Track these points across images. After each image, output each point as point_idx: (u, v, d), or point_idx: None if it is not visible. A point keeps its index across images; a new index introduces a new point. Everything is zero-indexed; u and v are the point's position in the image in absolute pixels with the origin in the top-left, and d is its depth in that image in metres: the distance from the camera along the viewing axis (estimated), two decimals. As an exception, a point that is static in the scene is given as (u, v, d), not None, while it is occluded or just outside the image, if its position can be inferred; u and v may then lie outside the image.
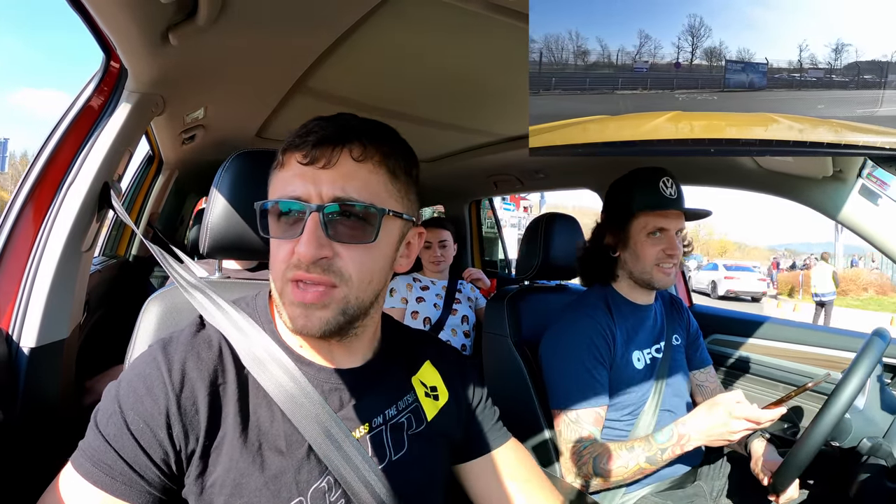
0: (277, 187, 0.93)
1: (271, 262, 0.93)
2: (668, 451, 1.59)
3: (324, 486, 0.93)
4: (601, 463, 1.64)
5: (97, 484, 0.84)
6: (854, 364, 1.44)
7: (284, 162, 0.92)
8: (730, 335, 2.66)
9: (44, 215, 1.36)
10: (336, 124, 0.91)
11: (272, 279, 0.93)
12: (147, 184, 3.94)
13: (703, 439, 1.56)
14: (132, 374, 0.90)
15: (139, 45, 1.28)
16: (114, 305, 3.17)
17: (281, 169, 0.93)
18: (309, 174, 0.89)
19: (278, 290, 0.92)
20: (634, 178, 1.92)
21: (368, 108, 2.20)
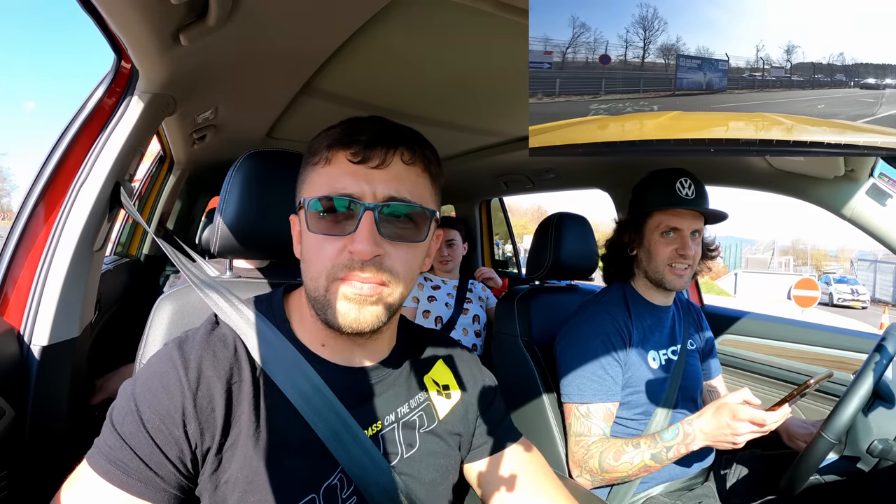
0: (322, 183, 0.93)
1: (314, 259, 0.93)
2: (674, 450, 1.58)
3: (336, 483, 0.94)
4: (607, 458, 1.64)
5: (113, 481, 0.84)
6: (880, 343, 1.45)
7: (331, 159, 0.93)
8: (739, 335, 2.65)
9: (56, 215, 1.37)
10: (385, 126, 0.94)
11: (313, 275, 0.93)
12: (158, 183, 3.96)
13: (708, 440, 1.55)
14: (148, 372, 0.91)
15: (150, 46, 1.28)
16: (125, 304, 3.19)
17: (326, 165, 0.93)
18: (361, 173, 0.91)
19: (323, 287, 0.91)
20: (653, 178, 1.93)
21: (378, 108, 2.20)
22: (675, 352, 1.95)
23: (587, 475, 1.71)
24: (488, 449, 1.19)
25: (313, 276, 0.93)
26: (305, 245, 0.95)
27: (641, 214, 1.92)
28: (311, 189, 0.94)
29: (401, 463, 1.01)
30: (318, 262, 0.92)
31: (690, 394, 1.95)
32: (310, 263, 0.93)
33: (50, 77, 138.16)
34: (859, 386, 1.44)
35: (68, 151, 1.40)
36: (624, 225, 2.02)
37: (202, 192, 5.38)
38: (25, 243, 1.36)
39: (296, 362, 0.96)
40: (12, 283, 1.34)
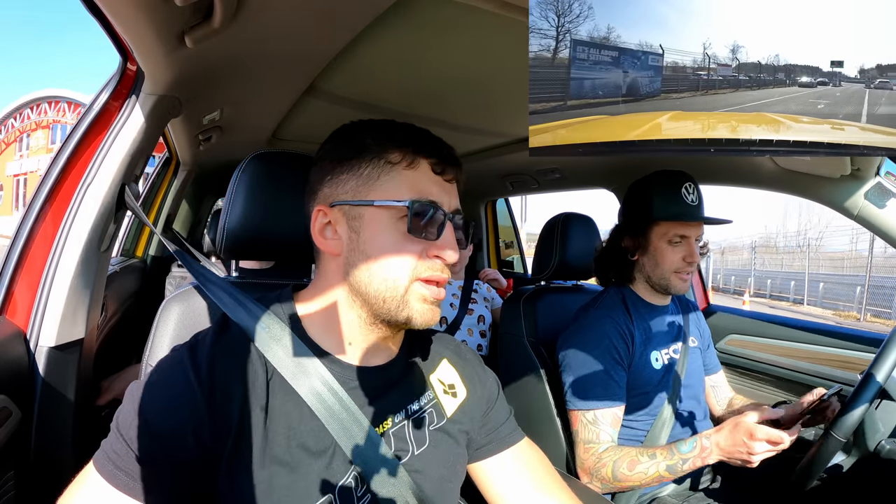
0: (405, 186, 0.97)
1: (393, 257, 0.95)
2: (690, 462, 1.58)
3: (351, 482, 0.94)
4: (621, 468, 1.63)
5: (119, 486, 0.84)
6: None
7: (414, 163, 0.98)
8: (746, 335, 2.65)
9: (63, 216, 1.38)
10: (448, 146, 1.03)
11: (391, 274, 0.95)
12: (164, 185, 3.97)
13: (723, 456, 1.55)
14: (158, 377, 0.91)
15: (155, 48, 1.28)
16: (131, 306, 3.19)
17: (408, 168, 0.97)
18: (441, 184, 0.99)
19: (403, 286, 0.95)
20: (655, 183, 1.91)
21: (384, 109, 2.20)
22: (676, 350, 1.95)
23: (598, 483, 1.70)
24: (492, 449, 1.20)
25: (390, 275, 0.95)
26: (378, 244, 0.96)
27: (646, 221, 1.91)
28: (391, 188, 0.96)
29: (412, 460, 1.02)
30: (398, 263, 0.94)
31: (693, 391, 1.95)
32: (384, 263, 0.95)
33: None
34: (867, 386, 1.43)
35: (75, 153, 1.40)
36: (624, 230, 2.01)
37: (208, 193, 5.39)
38: (32, 245, 1.36)
39: (309, 361, 0.97)
40: (19, 284, 1.35)
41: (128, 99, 1.45)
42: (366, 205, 0.96)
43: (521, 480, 1.20)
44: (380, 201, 0.95)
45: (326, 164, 1.01)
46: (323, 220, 1.00)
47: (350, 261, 0.97)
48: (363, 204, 0.96)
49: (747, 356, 2.62)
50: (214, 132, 2.67)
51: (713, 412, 2.11)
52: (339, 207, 0.99)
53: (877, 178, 1.68)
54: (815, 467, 1.45)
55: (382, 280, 0.95)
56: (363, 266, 0.96)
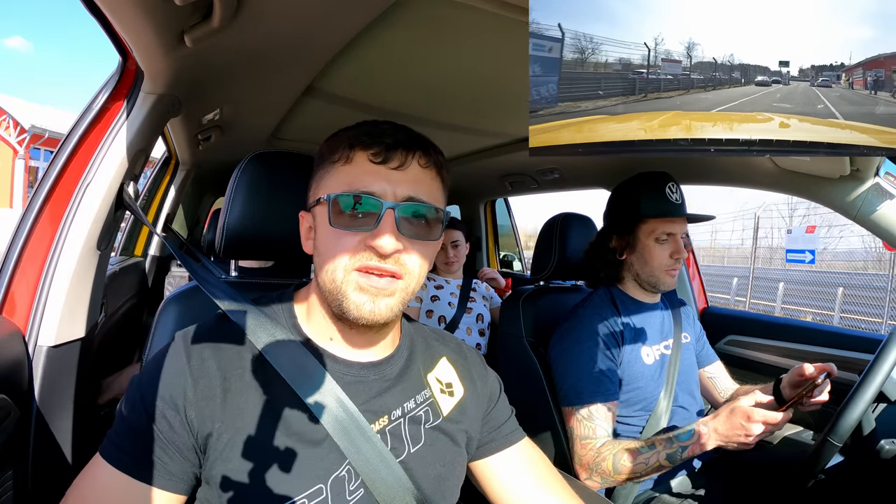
0: (342, 180, 0.97)
1: (331, 251, 0.96)
2: (688, 450, 1.60)
3: (343, 474, 0.96)
4: (621, 460, 1.65)
5: (121, 467, 0.87)
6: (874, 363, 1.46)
7: (352, 158, 0.98)
8: (745, 336, 2.65)
9: (62, 216, 1.38)
10: (403, 130, 1.00)
11: (330, 267, 0.96)
12: (164, 184, 3.97)
13: (721, 440, 1.56)
14: (154, 362, 0.95)
15: (155, 47, 1.28)
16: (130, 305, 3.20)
17: (346, 163, 0.98)
18: (382, 173, 0.96)
19: (339, 280, 0.95)
20: (640, 184, 1.96)
21: (382, 110, 2.20)
22: (667, 346, 1.98)
23: (598, 477, 1.71)
24: (493, 448, 1.21)
25: (329, 268, 0.96)
26: (322, 239, 0.98)
27: (633, 221, 1.95)
28: (331, 185, 0.98)
29: (408, 457, 1.03)
30: (336, 254, 0.95)
31: (687, 386, 1.97)
32: (326, 256, 0.96)
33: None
34: (865, 388, 1.44)
35: (74, 152, 1.40)
36: (611, 230, 2.03)
37: (207, 192, 5.40)
38: (31, 244, 1.36)
39: (303, 357, 0.99)
40: (18, 283, 1.35)
41: (127, 98, 1.45)
42: (313, 205, 1.01)
43: (521, 479, 1.21)
44: (319, 198, 0.99)
45: (312, 171, 1.06)
46: (305, 224, 1.06)
47: (315, 259, 1.02)
48: (313, 205, 1.02)
49: (746, 356, 2.62)
50: (214, 132, 2.67)
51: (715, 403, 2.12)
52: (310, 211, 1.04)
53: (876, 178, 1.68)
54: (813, 470, 1.46)
55: (325, 272, 0.97)
56: (318, 262, 1.00)
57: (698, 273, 3.05)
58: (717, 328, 2.80)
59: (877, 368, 1.44)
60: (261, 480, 0.89)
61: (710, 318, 2.91)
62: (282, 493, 0.90)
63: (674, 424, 1.86)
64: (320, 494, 0.92)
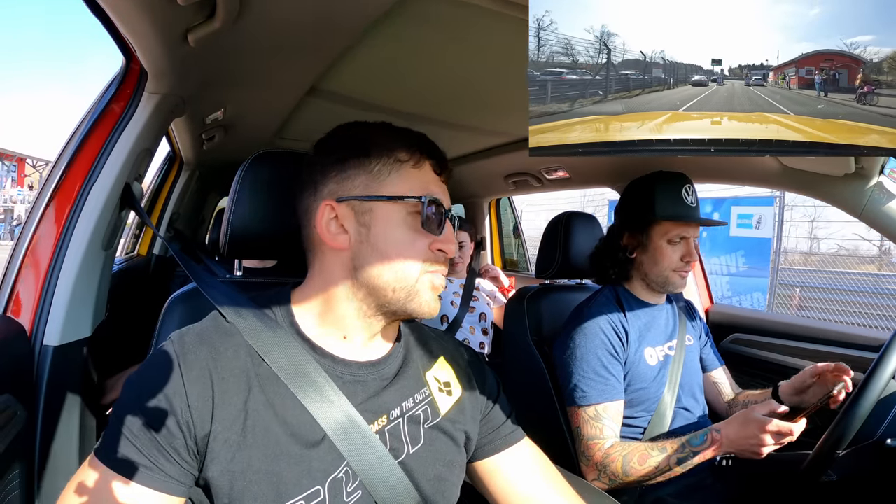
0: (415, 185, 1.01)
1: (404, 251, 1.00)
2: (700, 456, 1.59)
3: (341, 476, 0.95)
4: (631, 462, 1.64)
5: (117, 470, 0.86)
6: (884, 353, 1.48)
7: (419, 163, 1.02)
8: (750, 334, 2.65)
9: (66, 216, 1.38)
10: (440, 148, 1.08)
11: (402, 266, 0.99)
12: (168, 184, 3.98)
13: (733, 448, 1.56)
14: (149, 363, 0.93)
15: (158, 48, 1.29)
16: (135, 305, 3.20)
17: (416, 168, 1.02)
18: (440, 184, 1.05)
19: (412, 279, 0.99)
20: (657, 183, 1.94)
21: (386, 110, 2.20)
22: (671, 348, 1.97)
23: (606, 479, 1.70)
24: (493, 448, 1.20)
25: (400, 267, 0.99)
26: (389, 236, 0.99)
27: (647, 221, 1.93)
28: (401, 186, 1.00)
29: (407, 458, 1.02)
30: (411, 255, 0.99)
31: (690, 388, 1.96)
32: (395, 255, 0.99)
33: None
34: (882, 369, 1.45)
35: (79, 152, 1.41)
36: (624, 228, 2.02)
37: (212, 192, 5.40)
38: (36, 244, 1.37)
39: (300, 357, 0.98)
40: (23, 283, 1.35)
41: (131, 98, 1.46)
42: (377, 199, 0.99)
43: (522, 480, 1.20)
44: (394, 196, 0.99)
45: (330, 160, 1.03)
46: (330, 216, 1.01)
47: (358, 254, 0.99)
48: (374, 199, 0.99)
49: (751, 354, 2.62)
50: (218, 131, 2.67)
51: (718, 408, 2.11)
52: (347, 203, 1.00)
53: (881, 176, 1.67)
54: (841, 441, 1.45)
55: (394, 271, 0.98)
56: (374, 259, 0.99)
57: (703, 273, 3.05)
58: (722, 327, 2.80)
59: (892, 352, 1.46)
60: (257, 482, 0.89)
61: (714, 317, 2.91)
62: (279, 495, 0.89)
63: (677, 426, 1.86)
64: (318, 496, 0.92)
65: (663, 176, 1.95)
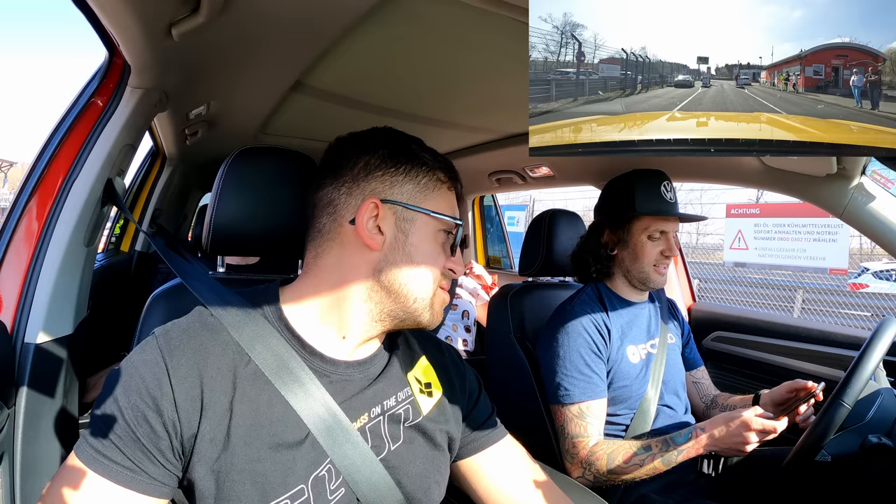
0: (448, 206, 1.08)
1: (429, 264, 1.04)
2: (684, 454, 1.62)
3: (324, 474, 0.95)
4: (616, 460, 1.66)
5: (98, 471, 0.85)
6: (872, 338, 1.50)
7: (452, 187, 1.10)
8: (733, 332, 2.67)
9: (48, 211, 1.36)
10: None
11: (423, 278, 1.03)
12: (151, 180, 3.94)
13: (717, 447, 1.60)
14: (131, 361, 0.91)
15: (142, 41, 1.27)
16: (117, 302, 3.17)
17: (450, 191, 1.09)
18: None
19: (429, 293, 1.04)
20: (636, 180, 1.97)
21: (371, 106, 2.20)
22: (653, 346, 1.99)
23: (590, 476, 1.72)
24: (475, 447, 1.21)
25: (425, 279, 1.03)
26: (422, 248, 1.03)
27: (627, 217, 1.96)
28: (440, 205, 1.06)
29: (388, 455, 1.02)
30: (432, 269, 1.04)
31: (673, 386, 1.98)
32: (424, 268, 1.02)
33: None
34: (870, 352, 1.47)
35: (60, 147, 1.39)
36: (604, 225, 2.04)
37: (195, 188, 5.36)
38: (17, 240, 1.35)
39: (287, 355, 0.97)
40: (4, 280, 1.33)
41: (114, 93, 1.44)
42: (421, 212, 1.02)
43: (505, 478, 1.21)
44: (437, 213, 1.03)
45: (377, 158, 1.03)
46: (371, 213, 1.00)
47: (389, 258, 1.01)
48: (419, 210, 1.02)
49: (733, 352, 2.64)
50: (201, 127, 2.65)
51: (696, 408, 2.14)
52: (391, 205, 1.01)
53: (863, 176, 1.69)
54: (826, 434, 1.47)
55: (419, 282, 1.02)
56: (404, 265, 1.01)
57: (686, 271, 3.07)
58: (705, 325, 2.82)
59: (878, 338, 1.49)
60: (242, 483, 0.88)
61: (697, 315, 2.93)
62: (263, 495, 0.89)
63: (660, 424, 1.88)
64: (302, 495, 0.92)
65: (642, 173, 1.98)
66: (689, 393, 2.13)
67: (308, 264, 1.06)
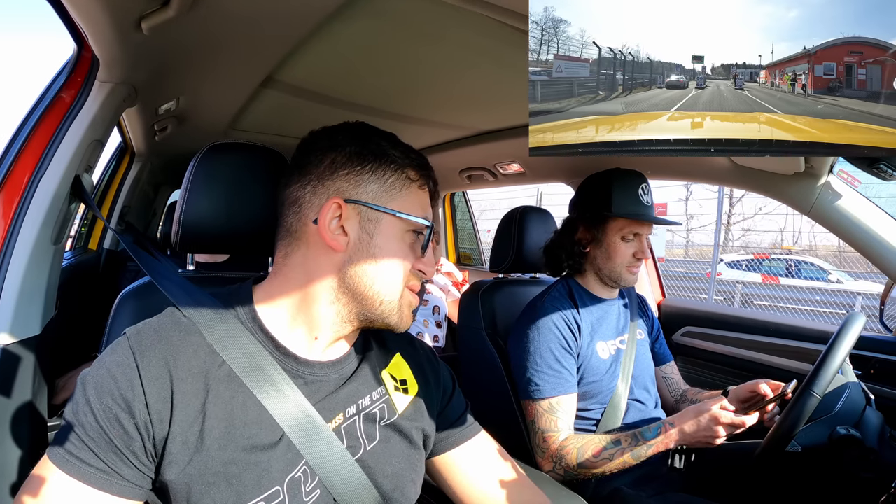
0: (418, 205, 1.06)
1: (396, 266, 1.02)
2: (653, 448, 1.64)
3: (300, 475, 0.94)
4: (586, 454, 1.67)
5: (71, 473, 0.84)
6: (839, 333, 1.54)
7: (423, 185, 1.08)
8: (701, 327, 2.71)
9: (14, 209, 1.33)
10: None
11: (392, 280, 1.01)
12: (119, 176, 3.88)
13: (686, 440, 1.62)
14: (103, 362, 0.90)
15: (111, 34, 1.26)
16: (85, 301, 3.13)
17: (420, 189, 1.07)
18: (431, 208, 1.09)
19: (397, 296, 1.02)
20: (613, 180, 1.97)
21: (341, 102, 2.19)
22: (623, 342, 2.02)
23: (561, 470, 1.74)
24: (450, 443, 1.21)
25: (391, 281, 1.01)
26: (388, 249, 1.01)
27: (602, 216, 1.97)
28: (407, 205, 1.03)
29: (364, 455, 1.02)
30: (398, 271, 1.02)
31: (643, 381, 2.02)
32: (389, 269, 1.01)
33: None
34: (839, 344, 1.50)
35: (26, 143, 1.36)
36: (579, 222, 2.06)
37: (164, 184, 5.30)
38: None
39: (262, 357, 0.96)
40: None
41: (82, 87, 1.42)
42: (387, 212, 1.00)
43: (480, 474, 1.22)
44: (403, 213, 1.01)
45: (343, 156, 1.01)
46: (335, 213, 0.99)
47: (353, 259, 0.99)
48: (386, 211, 1.00)
49: (702, 347, 2.68)
50: (170, 122, 2.62)
51: (666, 402, 2.17)
52: (355, 206, 1.00)
53: (830, 175, 1.72)
54: (797, 423, 1.50)
55: (385, 284, 1.00)
56: (368, 267, 0.99)
57: (656, 268, 3.11)
58: (674, 320, 2.86)
59: (847, 330, 1.52)
60: (216, 485, 0.88)
61: (666, 311, 2.97)
62: (238, 497, 0.88)
63: (630, 418, 1.90)
64: (277, 497, 0.91)
65: (620, 173, 1.99)
66: (659, 387, 2.17)
67: (277, 263, 1.06)
